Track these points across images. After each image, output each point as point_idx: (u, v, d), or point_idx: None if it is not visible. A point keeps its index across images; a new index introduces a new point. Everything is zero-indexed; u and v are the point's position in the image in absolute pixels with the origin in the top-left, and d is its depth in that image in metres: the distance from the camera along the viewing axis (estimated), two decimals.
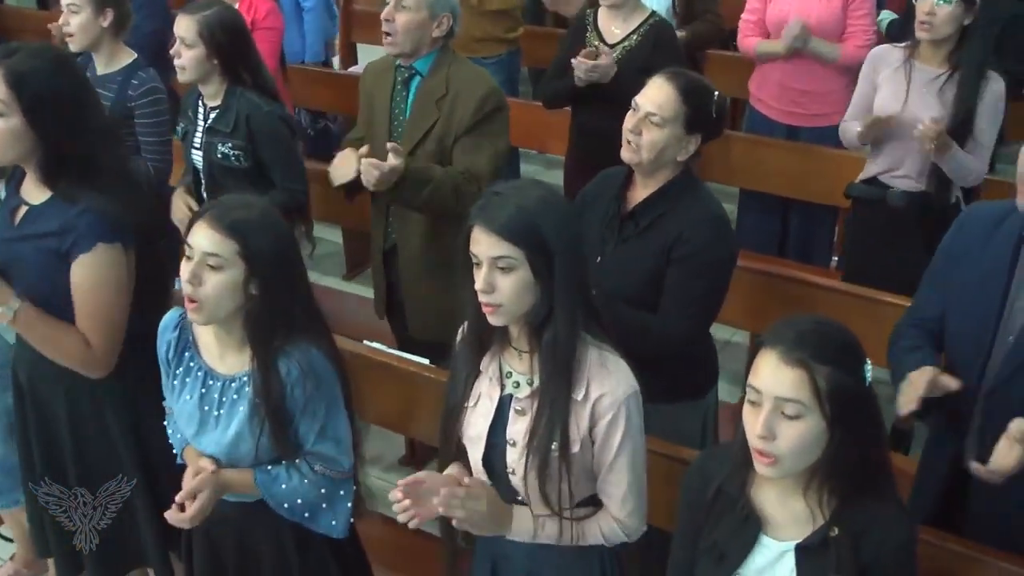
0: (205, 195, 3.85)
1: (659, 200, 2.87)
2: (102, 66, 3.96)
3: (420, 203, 3.42)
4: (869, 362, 1.96)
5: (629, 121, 2.84)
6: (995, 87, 3.73)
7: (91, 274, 2.64)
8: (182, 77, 3.69)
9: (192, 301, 2.32)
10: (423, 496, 2.23)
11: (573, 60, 4.09)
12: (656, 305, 2.86)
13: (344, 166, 3.51)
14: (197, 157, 3.82)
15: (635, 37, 4.26)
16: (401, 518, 2.22)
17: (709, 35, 5.05)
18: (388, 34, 3.48)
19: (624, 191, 2.95)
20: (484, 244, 2.10)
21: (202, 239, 2.31)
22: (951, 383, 2.50)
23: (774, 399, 1.90)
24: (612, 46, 4.25)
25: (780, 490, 2.05)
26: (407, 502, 2.20)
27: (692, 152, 2.86)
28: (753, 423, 1.93)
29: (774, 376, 1.90)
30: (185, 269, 2.32)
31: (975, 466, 2.43)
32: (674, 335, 2.86)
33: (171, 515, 2.41)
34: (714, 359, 3.16)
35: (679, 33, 4.62)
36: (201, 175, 3.84)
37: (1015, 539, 2.57)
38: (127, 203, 2.68)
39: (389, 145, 3.31)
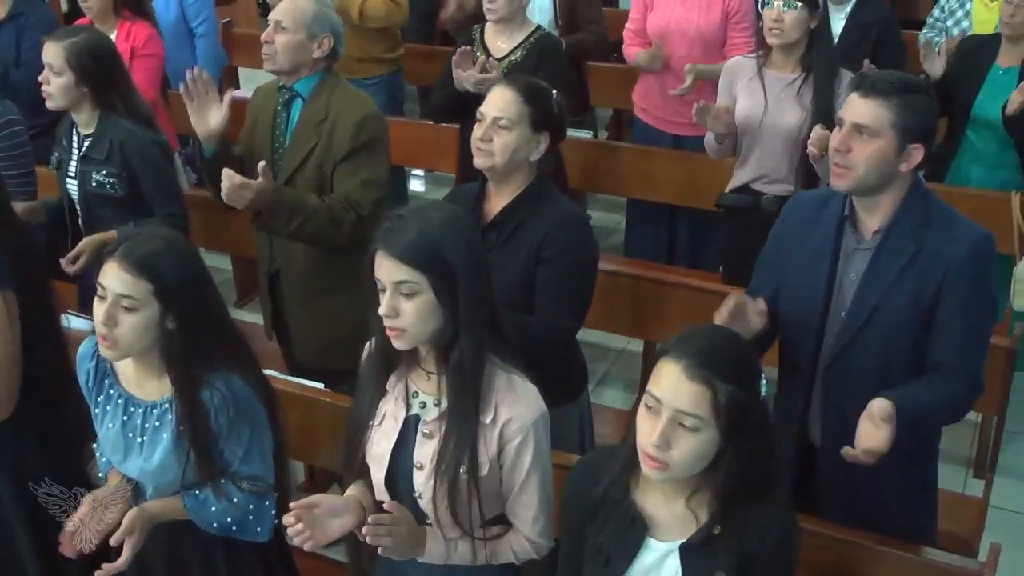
0: (82, 226, 3.75)
1: (518, 206, 2.90)
2: None
3: (290, 232, 3.34)
4: (764, 376, 2.01)
5: (477, 131, 2.88)
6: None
7: None
8: (51, 104, 3.58)
9: (106, 339, 2.30)
10: (317, 519, 2.22)
11: (457, 73, 4.11)
12: (529, 307, 2.88)
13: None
14: (72, 187, 3.71)
15: (520, 52, 4.30)
16: (296, 541, 2.22)
17: (591, 45, 5.10)
18: (267, 54, 3.44)
19: (479, 204, 2.96)
20: (386, 269, 2.10)
21: (114, 281, 2.28)
22: (753, 307, 2.59)
23: (674, 411, 1.93)
24: (499, 60, 4.27)
25: (664, 492, 2.07)
26: (300, 526, 2.18)
27: (543, 152, 2.90)
28: (649, 430, 1.95)
29: (676, 389, 1.92)
30: (99, 310, 2.29)
31: (848, 452, 2.44)
32: (557, 334, 2.90)
33: (102, 572, 2.36)
34: (583, 359, 3.21)
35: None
36: (76, 205, 3.73)
37: (865, 508, 2.69)
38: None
39: (260, 165, 3.22)
